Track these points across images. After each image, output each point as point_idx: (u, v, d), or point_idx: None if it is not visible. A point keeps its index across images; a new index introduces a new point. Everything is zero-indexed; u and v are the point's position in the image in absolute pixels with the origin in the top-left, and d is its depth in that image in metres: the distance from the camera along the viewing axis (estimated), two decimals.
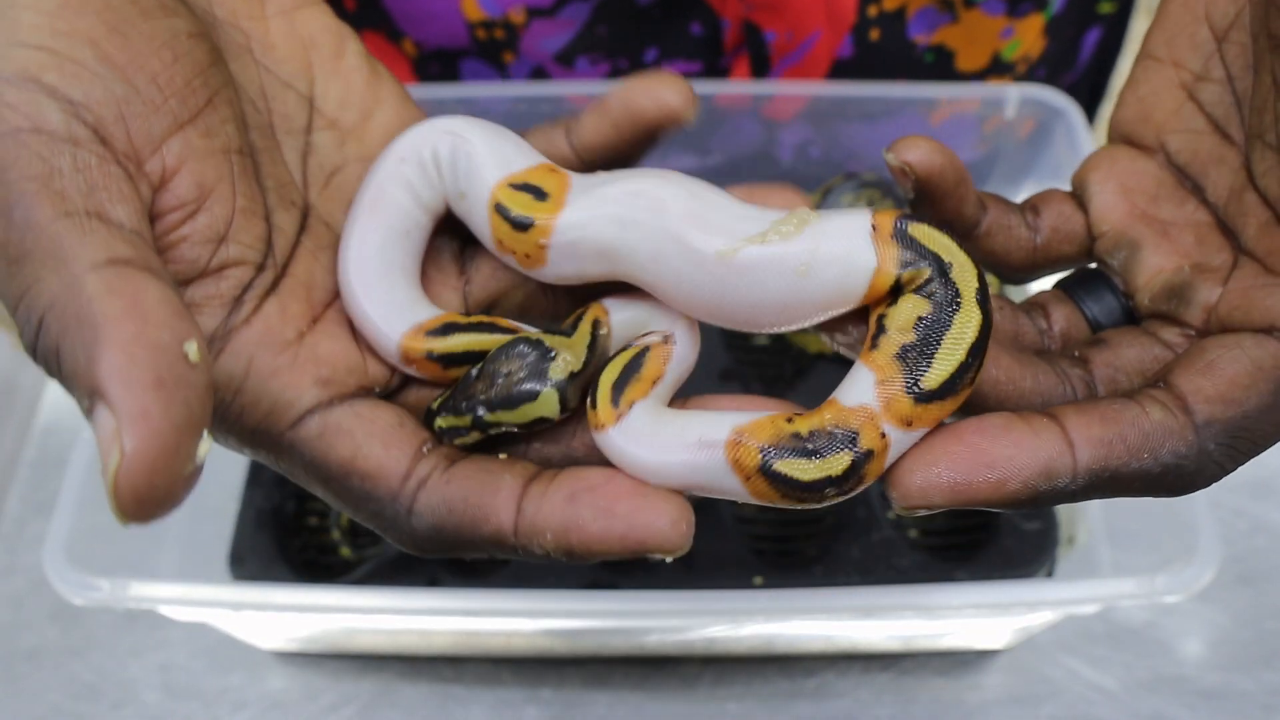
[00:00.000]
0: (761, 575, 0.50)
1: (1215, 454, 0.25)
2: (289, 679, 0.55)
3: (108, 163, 0.23)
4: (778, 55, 0.56)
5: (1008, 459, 0.24)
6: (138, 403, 0.20)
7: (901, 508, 0.25)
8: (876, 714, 0.53)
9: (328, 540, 0.54)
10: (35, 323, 0.21)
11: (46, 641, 0.56)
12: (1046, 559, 0.50)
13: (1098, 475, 0.25)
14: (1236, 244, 0.28)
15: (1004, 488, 0.25)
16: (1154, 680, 0.54)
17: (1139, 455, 0.25)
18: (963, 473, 0.24)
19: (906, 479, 0.25)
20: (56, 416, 0.65)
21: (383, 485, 0.25)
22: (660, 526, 0.24)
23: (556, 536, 0.24)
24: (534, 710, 0.53)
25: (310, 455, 0.26)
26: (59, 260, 0.21)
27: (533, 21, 0.55)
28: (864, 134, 0.58)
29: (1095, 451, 0.25)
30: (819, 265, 0.24)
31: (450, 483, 0.25)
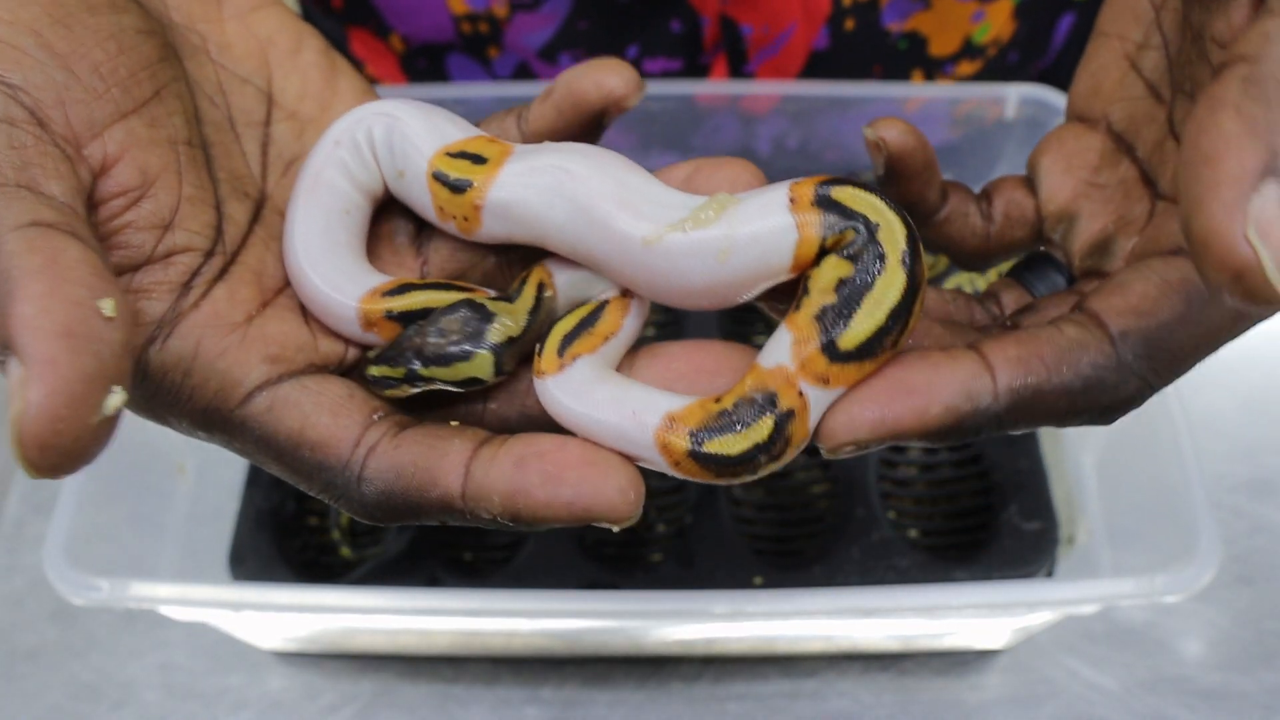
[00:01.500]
0: (761, 575, 0.50)
1: (1136, 366, 0.25)
2: (289, 679, 0.55)
3: (44, 143, 0.23)
4: (754, 49, 0.56)
5: (926, 383, 0.25)
6: (45, 351, 0.20)
7: (827, 449, 0.25)
8: (876, 714, 0.53)
9: (328, 540, 0.54)
10: None
11: (46, 641, 0.56)
12: (1046, 559, 0.50)
13: (1019, 394, 0.25)
14: (1155, 192, 0.29)
15: (926, 414, 0.25)
16: (1154, 680, 0.54)
17: (1058, 370, 0.25)
18: (884, 404, 0.25)
19: (830, 419, 0.25)
20: None
21: (332, 454, 0.25)
22: (608, 495, 0.24)
23: (504, 501, 0.24)
24: (534, 710, 0.53)
25: (260, 430, 0.26)
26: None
27: (515, 15, 0.55)
28: (839, 123, 0.58)
29: (1014, 370, 0.25)
30: (739, 248, 0.24)
31: (399, 448, 0.25)
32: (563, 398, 0.25)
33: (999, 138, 0.59)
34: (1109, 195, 0.30)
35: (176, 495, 0.52)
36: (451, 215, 0.27)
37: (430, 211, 0.28)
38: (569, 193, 0.25)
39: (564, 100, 0.28)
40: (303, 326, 0.27)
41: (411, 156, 0.27)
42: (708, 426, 0.24)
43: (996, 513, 0.52)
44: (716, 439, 0.24)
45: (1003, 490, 0.52)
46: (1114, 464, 0.51)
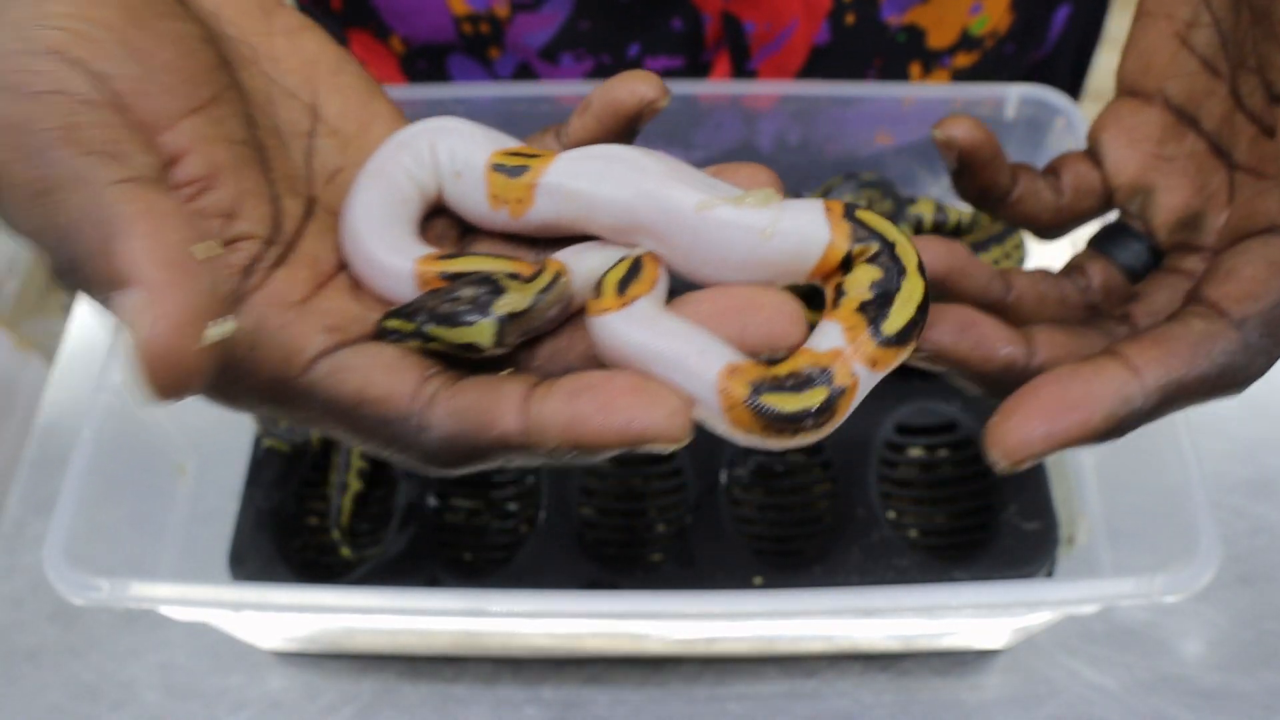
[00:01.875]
0: (761, 575, 0.50)
1: (1260, 345, 0.29)
2: (289, 679, 0.55)
3: (127, 126, 0.25)
4: (757, 45, 0.56)
5: (1085, 396, 0.28)
6: (160, 277, 0.22)
7: (1009, 464, 0.28)
8: (876, 714, 0.53)
9: (328, 540, 0.54)
10: (58, 239, 0.24)
11: (46, 641, 0.56)
12: (1046, 559, 0.50)
13: (1166, 390, 0.28)
14: (1230, 163, 0.31)
15: (1089, 424, 0.28)
16: (1154, 680, 0.54)
17: (1195, 362, 0.28)
18: (1051, 420, 0.28)
19: (1006, 439, 0.28)
20: (56, 416, 0.65)
21: (393, 408, 0.27)
22: (659, 417, 0.25)
23: (562, 433, 0.25)
24: (534, 710, 0.53)
25: (324, 394, 0.27)
26: (81, 182, 0.23)
27: (517, 15, 0.55)
28: (840, 118, 0.59)
29: (1158, 370, 0.28)
30: (782, 232, 0.27)
31: (456, 396, 0.27)
32: (627, 329, 0.26)
33: (999, 138, 0.59)
34: (1182, 168, 0.32)
35: (176, 495, 0.52)
36: (505, 200, 0.29)
37: (483, 203, 0.30)
38: (619, 171, 0.28)
39: (603, 110, 0.30)
40: (356, 303, 0.29)
41: (472, 156, 0.30)
42: (766, 383, 0.26)
43: (996, 513, 0.52)
44: (773, 395, 0.26)
45: (1003, 490, 0.52)
46: (1114, 464, 0.51)
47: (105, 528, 0.45)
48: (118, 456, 0.47)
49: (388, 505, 0.55)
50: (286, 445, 0.55)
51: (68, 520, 0.43)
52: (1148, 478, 0.46)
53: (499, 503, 0.55)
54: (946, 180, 0.63)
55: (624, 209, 0.28)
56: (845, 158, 0.59)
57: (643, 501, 0.54)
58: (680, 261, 0.28)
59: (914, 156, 0.61)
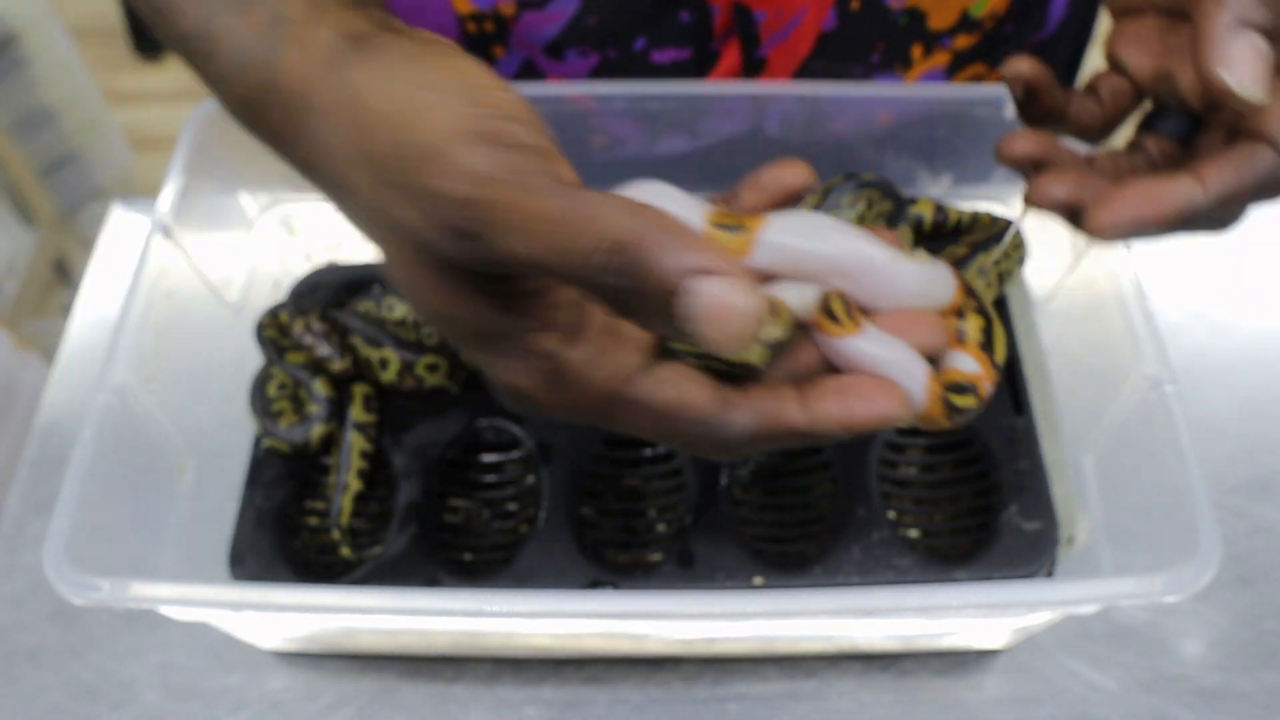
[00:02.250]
0: (761, 575, 0.50)
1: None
2: (289, 679, 0.55)
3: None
4: (767, 33, 0.57)
5: (1162, 192, 0.38)
6: (728, 265, 0.30)
7: (1099, 234, 0.38)
8: (876, 714, 0.53)
9: (328, 540, 0.54)
10: (607, 254, 0.29)
11: (46, 641, 0.56)
12: (1046, 559, 0.50)
13: (1221, 193, 0.37)
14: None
15: (1164, 211, 0.38)
16: (1154, 680, 0.54)
17: (1243, 172, 0.37)
18: (1137, 207, 0.38)
19: (1099, 221, 0.38)
20: (56, 416, 0.65)
21: (703, 410, 0.34)
22: (898, 406, 0.35)
23: (839, 422, 0.34)
24: (534, 710, 0.53)
25: (647, 401, 0.34)
26: (604, 204, 0.30)
27: (523, 13, 0.55)
28: (843, 100, 0.60)
29: (1215, 180, 0.37)
30: (939, 280, 0.38)
31: (750, 399, 0.34)
32: (868, 345, 0.36)
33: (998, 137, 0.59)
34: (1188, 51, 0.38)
35: (176, 495, 0.52)
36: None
37: None
38: (825, 232, 0.37)
39: (774, 188, 0.39)
40: (644, 331, 0.35)
41: (690, 218, 0.36)
42: (949, 385, 0.38)
43: (996, 513, 0.52)
44: (953, 394, 0.38)
45: (1003, 490, 0.52)
46: (1114, 464, 0.51)
47: (105, 528, 0.45)
48: (118, 456, 0.47)
49: (388, 505, 0.55)
50: (286, 446, 0.55)
51: (68, 520, 0.43)
52: (1148, 478, 0.46)
53: (499, 503, 0.55)
54: (947, 180, 0.63)
55: (830, 259, 0.36)
56: (847, 136, 0.59)
57: (643, 501, 0.54)
58: (866, 296, 0.37)
59: (914, 156, 0.61)
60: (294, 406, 0.56)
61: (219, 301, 0.58)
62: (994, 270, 0.56)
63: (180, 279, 0.53)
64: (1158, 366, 0.47)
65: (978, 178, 0.62)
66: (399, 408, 0.57)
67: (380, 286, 0.62)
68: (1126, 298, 0.49)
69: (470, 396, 0.57)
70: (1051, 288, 0.58)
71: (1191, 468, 0.44)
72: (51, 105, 1.59)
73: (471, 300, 0.32)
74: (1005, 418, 0.55)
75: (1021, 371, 0.57)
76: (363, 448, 0.55)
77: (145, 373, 0.49)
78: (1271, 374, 0.64)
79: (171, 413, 0.51)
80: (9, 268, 1.54)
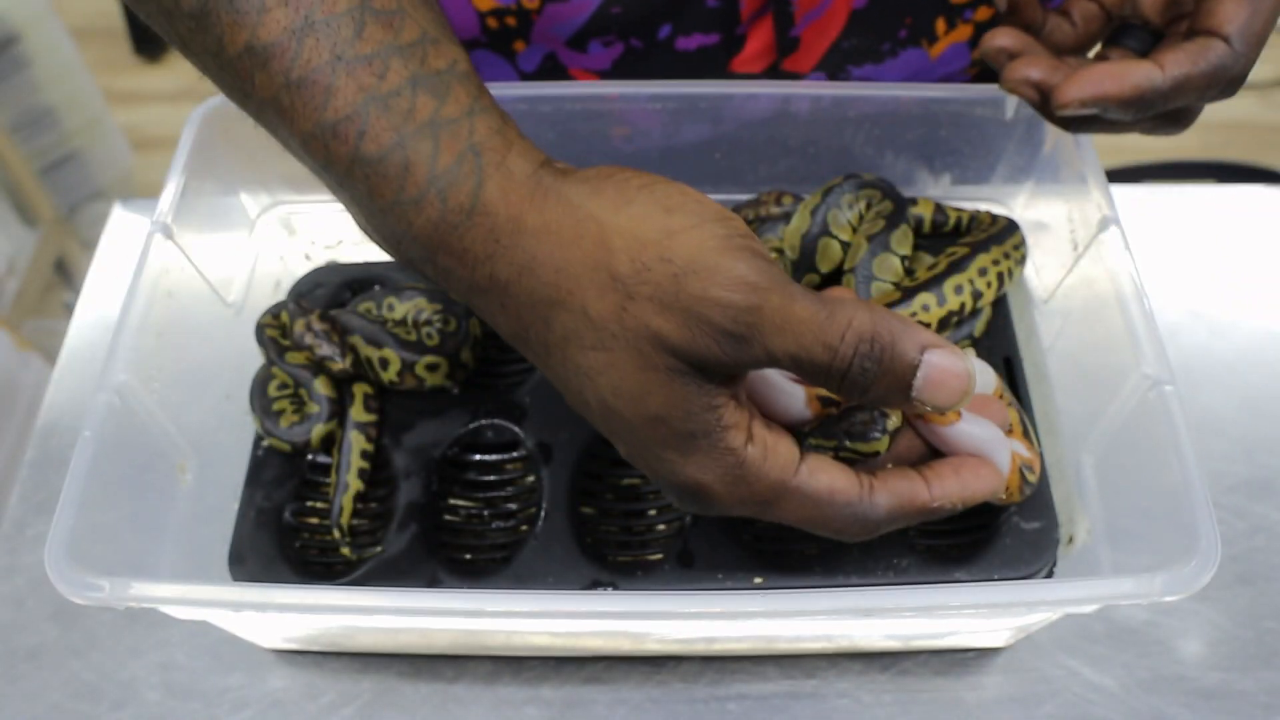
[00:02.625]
0: (761, 575, 0.50)
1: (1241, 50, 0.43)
2: (289, 678, 0.55)
3: None
4: (800, 13, 0.58)
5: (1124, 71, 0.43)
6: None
7: (1059, 106, 0.43)
8: (876, 714, 0.53)
9: (328, 540, 0.54)
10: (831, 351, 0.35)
11: (47, 641, 0.56)
12: (1046, 559, 0.50)
13: (1177, 78, 0.42)
14: None
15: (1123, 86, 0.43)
16: (1154, 680, 0.54)
17: (1198, 61, 0.42)
18: (1099, 82, 0.43)
19: (1065, 94, 0.43)
20: (56, 416, 0.65)
21: (851, 495, 0.38)
22: (999, 480, 0.41)
23: (959, 498, 0.40)
24: (534, 710, 0.53)
25: (808, 490, 0.38)
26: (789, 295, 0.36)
27: (546, 6, 0.55)
28: (870, 73, 0.62)
29: (1173, 66, 0.42)
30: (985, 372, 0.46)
31: (887, 482, 0.39)
32: (973, 429, 0.42)
33: (999, 138, 0.60)
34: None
35: (176, 495, 0.52)
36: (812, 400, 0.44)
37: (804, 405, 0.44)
38: None
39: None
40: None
41: (794, 397, 0.43)
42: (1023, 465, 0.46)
43: (996, 513, 0.52)
44: (1027, 472, 0.46)
45: None
46: (1114, 464, 0.51)
47: (106, 527, 0.45)
48: (118, 456, 0.47)
49: (388, 505, 0.55)
50: (287, 445, 0.55)
51: (68, 520, 0.43)
52: (1148, 478, 0.46)
53: (499, 503, 0.55)
54: (947, 180, 0.63)
55: None
56: (874, 111, 0.59)
57: (643, 501, 0.54)
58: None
59: (914, 156, 0.61)
60: (294, 406, 0.56)
61: (219, 301, 0.58)
62: (994, 270, 0.56)
63: (180, 279, 0.53)
64: (1157, 366, 0.47)
65: (978, 178, 0.62)
66: (399, 407, 0.57)
67: (380, 286, 0.62)
68: (1126, 297, 0.49)
69: (470, 396, 0.57)
70: (1051, 287, 0.58)
71: (1191, 468, 0.44)
72: (52, 105, 1.59)
73: (688, 400, 0.36)
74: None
75: (1021, 371, 0.57)
76: (363, 447, 0.55)
77: (145, 373, 0.49)
78: (1271, 374, 0.64)
79: (171, 413, 0.51)
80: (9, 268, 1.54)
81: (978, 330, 0.56)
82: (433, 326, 0.57)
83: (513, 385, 0.58)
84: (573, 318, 0.36)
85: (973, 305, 0.55)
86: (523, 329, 0.38)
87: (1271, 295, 0.68)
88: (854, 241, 0.57)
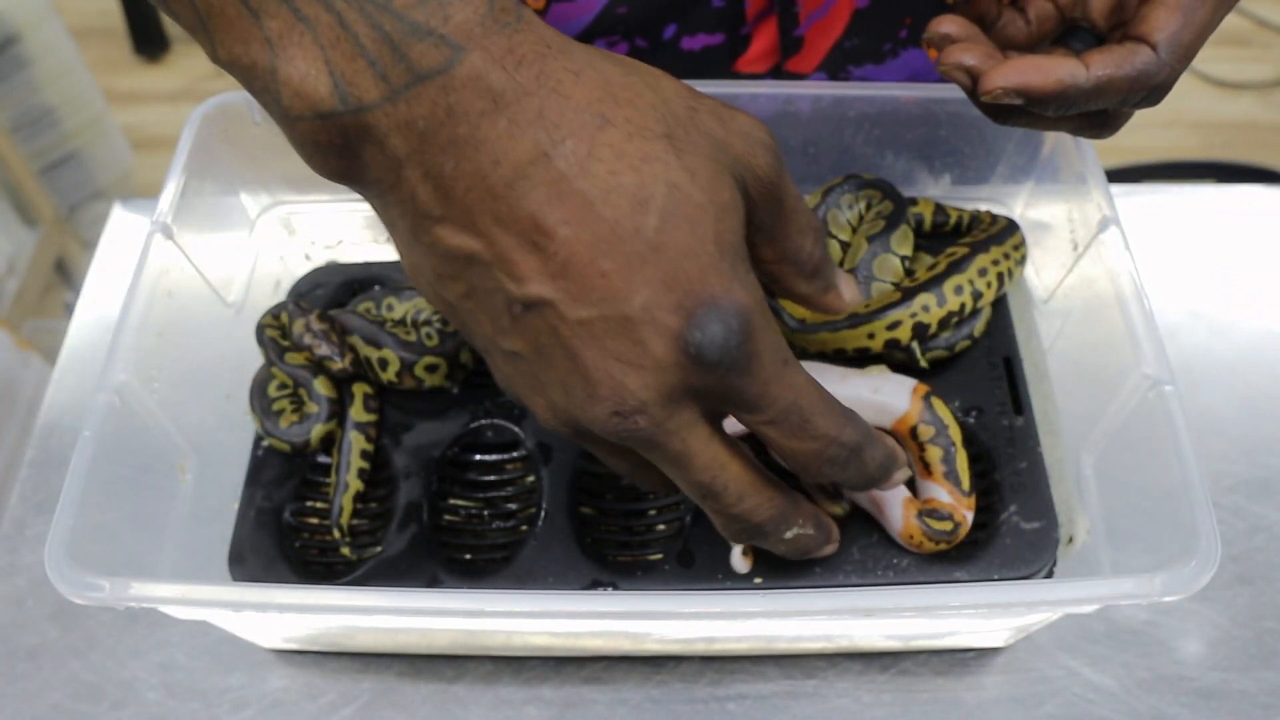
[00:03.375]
0: (761, 575, 0.50)
1: (1167, 58, 0.42)
2: (290, 678, 0.55)
3: None
4: (805, 13, 0.58)
5: (1049, 65, 0.42)
6: None
7: (984, 93, 0.43)
8: (876, 714, 0.53)
9: (328, 540, 0.54)
10: None
11: (47, 641, 0.56)
12: (1046, 559, 0.50)
13: (1100, 78, 0.41)
14: None
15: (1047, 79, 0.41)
16: (1153, 680, 0.54)
17: (1123, 65, 0.41)
18: (1024, 73, 0.42)
19: (989, 80, 0.42)
20: (56, 416, 0.65)
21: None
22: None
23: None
24: (534, 710, 0.53)
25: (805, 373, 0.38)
26: None
27: (553, 5, 0.55)
28: (871, 73, 0.63)
29: (1098, 67, 0.42)
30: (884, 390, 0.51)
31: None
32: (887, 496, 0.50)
33: (999, 138, 0.60)
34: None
35: (176, 495, 0.52)
36: None
37: None
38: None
39: None
40: None
41: None
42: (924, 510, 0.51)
43: (996, 513, 0.52)
44: (929, 519, 0.50)
45: (1002, 490, 0.52)
46: (1114, 464, 0.51)
47: (105, 527, 0.45)
48: (118, 456, 0.47)
49: (388, 505, 0.55)
50: (287, 445, 0.55)
51: (68, 520, 0.43)
52: (1147, 478, 0.46)
53: (499, 503, 0.55)
54: (947, 180, 0.63)
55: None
56: (874, 111, 0.59)
57: (643, 501, 0.54)
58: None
59: (914, 156, 0.61)
60: (294, 406, 0.56)
61: (219, 301, 0.58)
62: (994, 270, 0.56)
63: (180, 279, 0.53)
64: (1157, 366, 0.47)
65: (978, 178, 0.62)
66: (399, 407, 0.57)
67: (380, 286, 0.62)
68: (1126, 297, 0.49)
69: (470, 396, 0.57)
70: (1051, 287, 0.58)
71: (1191, 467, 0.44)
72: (52, 105, 1.59)
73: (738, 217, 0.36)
74: (1005, 418, 0.55)
75: (1021, 371, 0.57)
76: (363, 447, 0.55)
77: (145, 373, 0.49)
78: (1271, 374, 0.64)
79: (171, 413, 0.51)
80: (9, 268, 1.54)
81: (977, 330, 0.56)
82: (432, 327, 0.57)
83: None
84: (639, 113, 0.34)
85: (973, 305, 0.55)
86: (559, 139, 0.33)
87: (1271, 295, 0.68)
88: (854, 242, 0.57)
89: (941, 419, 0.51)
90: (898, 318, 0.54)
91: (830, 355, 0.56)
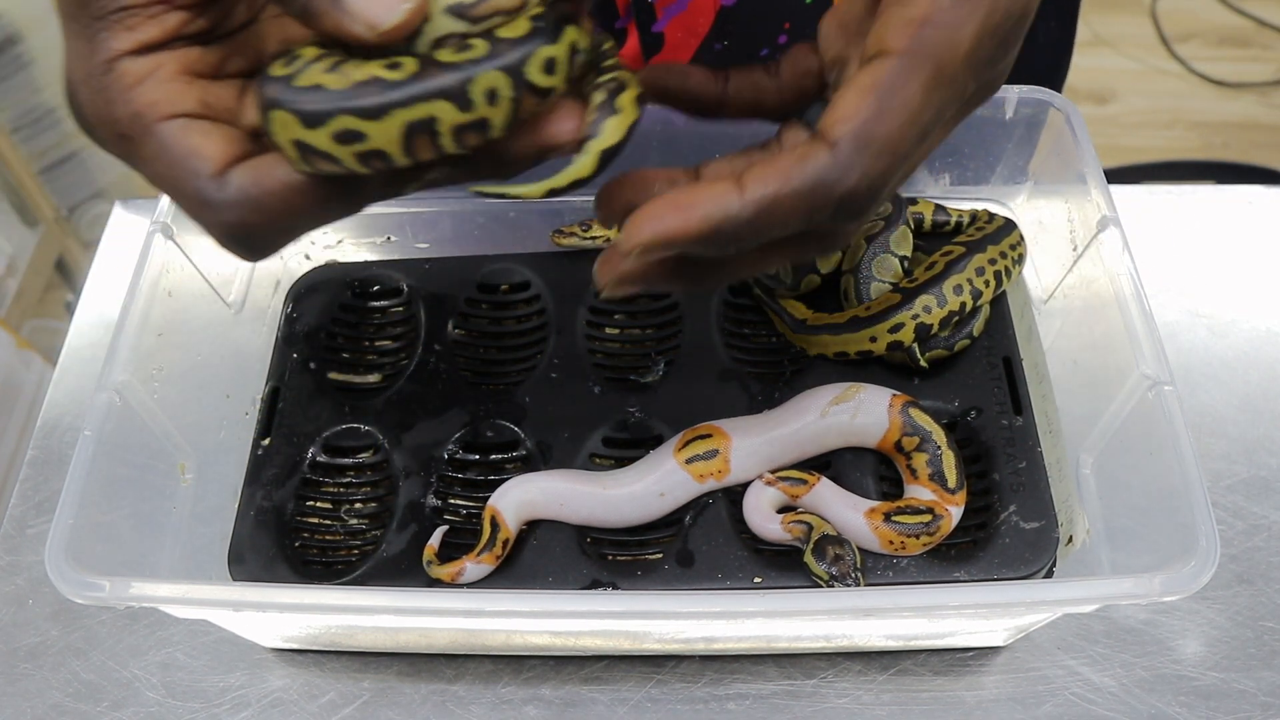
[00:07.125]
0: (761, 575, 0.50)
1: (850, 159, 0.31)
2: (290, 678, 0.55)
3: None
4: (661, 7, 0.55)
5: (690, 201, 0.32)
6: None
7: (623, 251, 0.33)
8: (876, 714, 0.53)
9: (328, 540, 0.54)
10: None
11: (47, 641, 0.56)
12: (1046, 559, 0.50)
13: (761, 201, 0.31)
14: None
15: (689, 222, 0.32)
16: (1153, 679, 0.54)
17: (789, 178, 0.31)
18: (660, 218, 0.32)
19: (624, 241, 0.32)
20: (57, 416, 0.65)
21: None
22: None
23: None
24: (534, 710, 0.53)
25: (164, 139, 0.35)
26: None
27: None
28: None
29: (756, 185, 0.31)
30: (861, 412, 0.52)
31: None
32: (825, 492, 0.52)
33: (999, 138, 0.60)
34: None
35: (176, 495, 0.52)
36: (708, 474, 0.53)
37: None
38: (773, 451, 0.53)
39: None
40: None
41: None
42: (895, 510, 0.51)
43: (996, 513, 0.52)
44: (903, 517, 0.50)
45: (1002, 490, 0.52)
46: (1114, 464, 0.51)
47: (106, 527, 0.46)
48: (118, 456, 0.47)
49: (388, 505, 0.55)
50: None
51: (69, 519, 0.43)
52: (1147, 478, 0.47)
53: None
54: (946, 180, 0.63)
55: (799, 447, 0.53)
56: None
57: None
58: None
59: None
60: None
61: (219, 301, 0.58)
62: (991, 270, 0.56)
63: (180, 279, 0.53)
64: (1156, 366, 0.47)
65: (977, 178, 0.62)
66: (399, 408, 0.57)
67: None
68: (1125, 297, 0.49)
69: (470, 396, 0.57)
70: (1050, 288, 0.58)
71: (1190, 467, 0.44)
72: (52, 105, 1.59)
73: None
74: (1004, 418, 0.55)
75: (1020, 371, 0.57)
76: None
77: (145, 373, 0.49)
78: (1271, 374, 0.64)
79: (171, 412, 0.51)
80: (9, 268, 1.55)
81: (977, 330, 0.56)
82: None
83: (513, 385, 0.58)
84: None
85: (972, 304, 0.55)
86: None
87: (1271, 295, 0.68)
88: (853, 242, 0.57)
89: (923, 426, 0.51)
90: (900, 320, 0.54)
91: (832, 358, 0.56)
